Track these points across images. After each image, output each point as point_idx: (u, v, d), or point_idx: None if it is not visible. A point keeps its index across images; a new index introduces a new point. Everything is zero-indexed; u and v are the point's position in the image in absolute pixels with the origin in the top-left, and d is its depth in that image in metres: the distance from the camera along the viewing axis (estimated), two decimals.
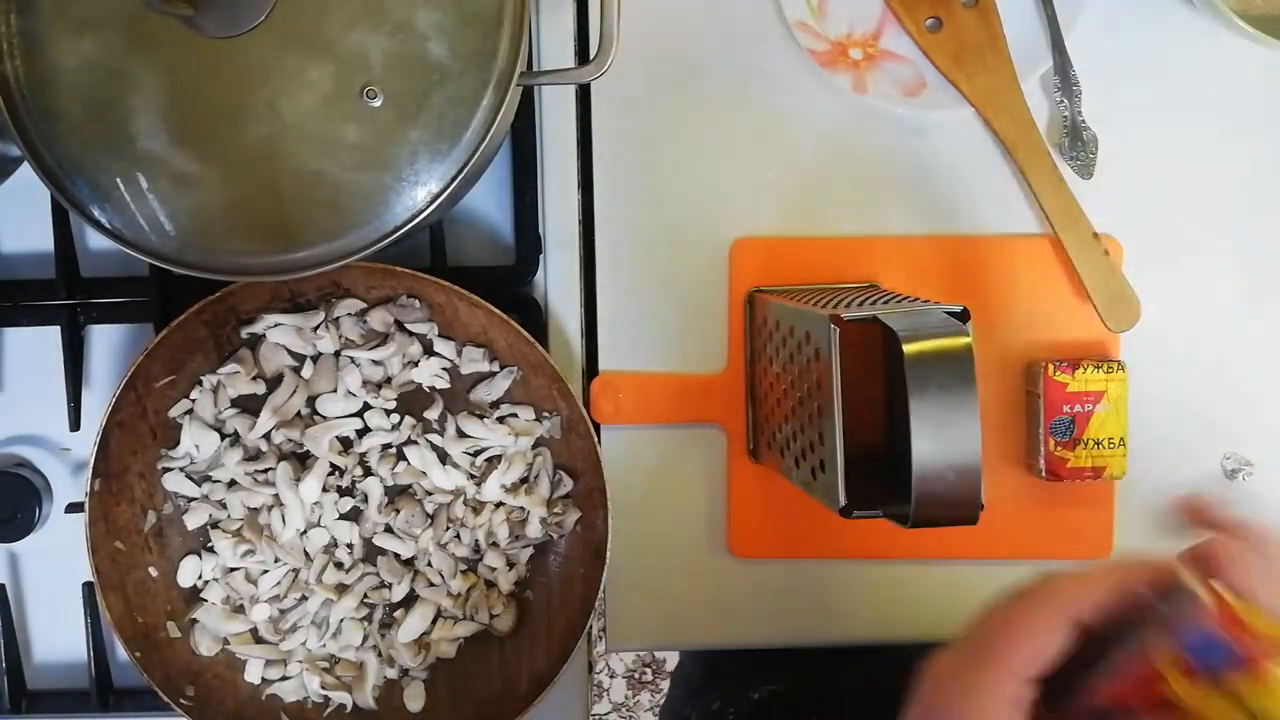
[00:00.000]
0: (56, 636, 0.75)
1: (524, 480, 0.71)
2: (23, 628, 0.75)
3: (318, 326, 0.70)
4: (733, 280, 0.72)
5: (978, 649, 0.45)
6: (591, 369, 0.74)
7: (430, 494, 0.71)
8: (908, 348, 0.54)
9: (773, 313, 0.67)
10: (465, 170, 0.57)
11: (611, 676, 1.82)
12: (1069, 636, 0.43)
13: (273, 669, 0.71)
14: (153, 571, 0.70)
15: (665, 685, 1.81)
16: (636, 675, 1.82)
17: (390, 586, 0.71)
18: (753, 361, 0.72)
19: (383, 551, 0.71)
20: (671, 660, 1.80)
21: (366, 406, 0.70)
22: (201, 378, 0.70)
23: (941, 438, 0.53)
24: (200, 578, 0.71)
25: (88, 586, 0.72)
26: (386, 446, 0.70)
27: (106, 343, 0.74)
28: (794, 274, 0.72)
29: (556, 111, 0.73)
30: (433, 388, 0.71)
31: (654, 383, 0.73)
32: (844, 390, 0.56)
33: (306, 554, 0.70)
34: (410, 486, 0.71)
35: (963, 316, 0.56)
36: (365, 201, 0.58)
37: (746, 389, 0.72)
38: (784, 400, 0.66)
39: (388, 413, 0.70)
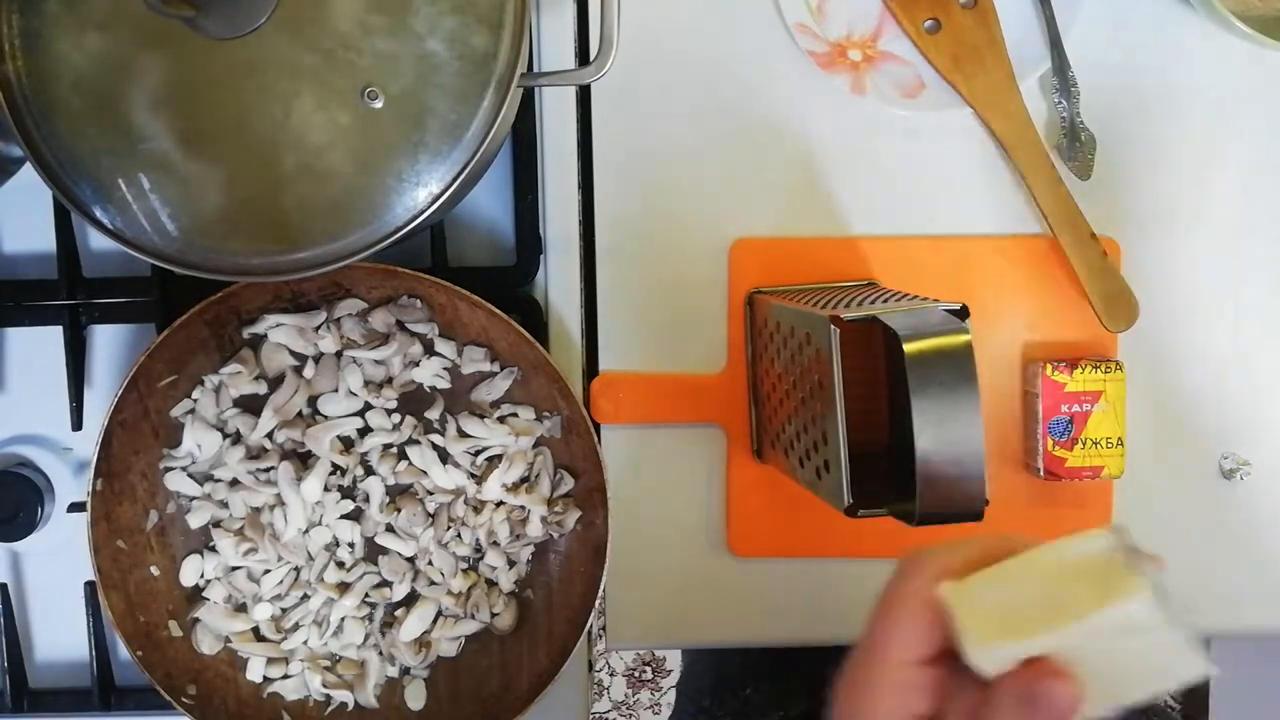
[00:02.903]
0: (58, 635, 0.75)
1: (524, 479, 0.71)
2: (25, 626, 0.75)
3: (319, 326, 0.70)
4: (732, 280, 0.73)
5: (861, 647, 0.46)
6: (591, 369, 0.74)
7: (431, 493, 0.71)
8: (908, 346, 0.54)
9: (773, 314, 0.68)
10: (466, 171, 0.58)
11: (612, 675, 1.82)
12: (934, 618, 0.44)
13: (274, 667, 0.71)
14: (154, 570, 0.71)
15: (665, 684, 1.81)
16: (636, 674, 1.82)
17: (391, 585, 0.71)
18: (754, 363, 0.72)
19: (384, 550, 0.71)
20: (672, 659, 1.80)
21: (368, 406, 0.70)
22: (203, 377, 0.70)
23: (944, 434, 0.54)
24: (202, 577, 0.71)
25: (89, 585, 0.72)
26: (388, 446, 0.71)
27: (108, 343, 0.74)
28: (794, 274, 0.72)
29: (557, 112, 0.73)
30: (433, 387, 0.71)
31: (654, 383, 0.73)
32: (846, 390, 0.56)
33: (308, 553, 0.71)
34: (411, 486, 0.71)
35: (962, 314, 0.56)
36: (366, 202, 0.58)
37: (749, 390, 0.72)
38: (786, 401, 0.66)
39: (389, 412, 0.71)
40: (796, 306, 0.64)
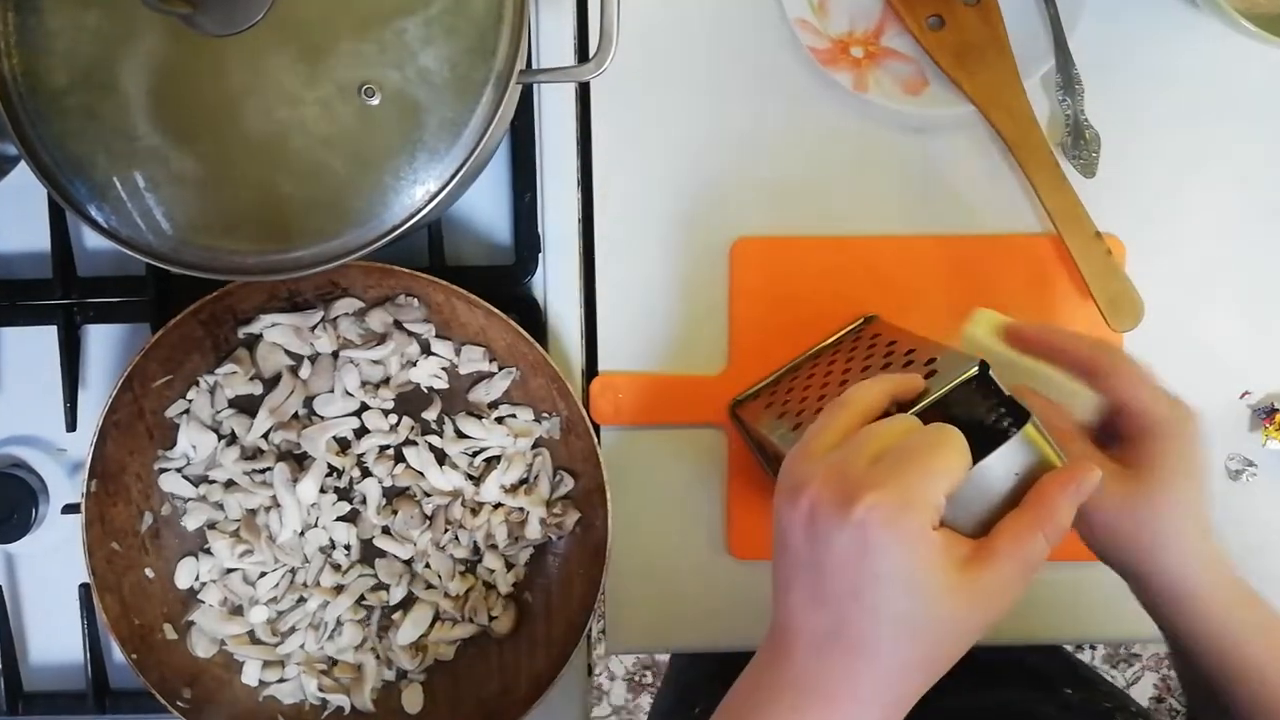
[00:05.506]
0: (53, 638, 0.75)
1: (523, 481, 0.70)
2: (19, 629, 0.75)
3: (315, 326, 0.69)
4: (733, 280, 0.72)
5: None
6: (591, 369, 0.74)
7: (428, 495, 0.70)
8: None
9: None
10: (464, 169, 0.57)
11: (611, 679, 1.82)
12: None
13: (270, 671, 0.71)
14: (149, 573, 0.70)
15: None
16: (636, 678, 1.82)
17: (388, 588, 0.71)
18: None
19: (381, 553, 0.71)
20: None
21: (364, 407, 0.70)
22: (199, 378, 0.70)
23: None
24: (197, 579, 0.71)
25: (84, 588, 0.72)
26: (384, 447, 0.70)
27: (103, 342, 0.74)
28: (794, 274, 0.72)
29: (556, 110, 0.72)
30: (431, 388, 0.70)
31: (654, 383, 0.73)
32: None
33: (304, 555, 0.70)
34: (408, 488, 0.70)
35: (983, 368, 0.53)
36: (363, 200, 0.58)
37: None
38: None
39: (386, 413, 0.70)
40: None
